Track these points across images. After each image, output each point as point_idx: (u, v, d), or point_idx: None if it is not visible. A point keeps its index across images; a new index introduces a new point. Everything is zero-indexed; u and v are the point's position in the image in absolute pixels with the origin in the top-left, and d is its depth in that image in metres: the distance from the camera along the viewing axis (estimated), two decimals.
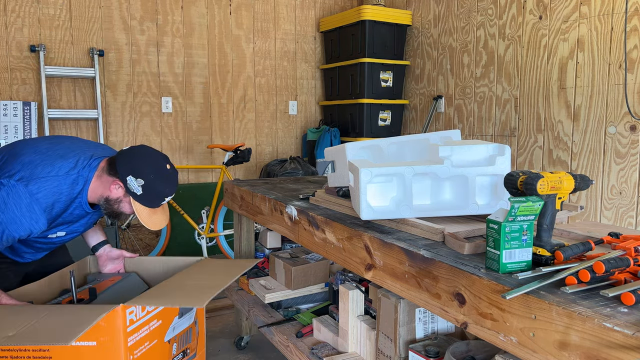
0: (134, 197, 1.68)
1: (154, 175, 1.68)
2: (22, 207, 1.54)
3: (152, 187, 1.68)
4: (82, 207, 1.71)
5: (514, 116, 3.63)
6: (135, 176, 1.65)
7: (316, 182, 2.70)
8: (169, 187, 1.73)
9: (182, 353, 1.76)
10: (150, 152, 1.72)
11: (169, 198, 1.76)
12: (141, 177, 1.65)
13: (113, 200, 1.70)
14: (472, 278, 1.11)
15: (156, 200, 1.72)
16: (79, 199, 1.68)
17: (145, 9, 4.13)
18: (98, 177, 1.69)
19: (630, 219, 2.95)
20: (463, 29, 4.00)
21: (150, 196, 1.69)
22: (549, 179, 1.15)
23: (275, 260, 2.43)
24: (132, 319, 1.46)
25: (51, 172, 1.61)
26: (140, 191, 1.66)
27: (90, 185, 1.68)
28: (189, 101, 4.36)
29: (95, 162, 1.71)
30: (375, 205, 1.51)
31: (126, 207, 1.72)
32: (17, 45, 3.72)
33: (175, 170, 1.77)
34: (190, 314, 1.81)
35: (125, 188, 1.67)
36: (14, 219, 1.54)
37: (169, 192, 1.74)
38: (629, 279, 1.04)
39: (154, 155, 1.72)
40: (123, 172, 1.65)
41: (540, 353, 0.96)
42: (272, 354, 2.61)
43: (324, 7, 4.93)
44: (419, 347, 1.50)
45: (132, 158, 1.68)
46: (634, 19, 2.87)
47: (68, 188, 1.63)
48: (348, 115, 4.58)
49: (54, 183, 1.61)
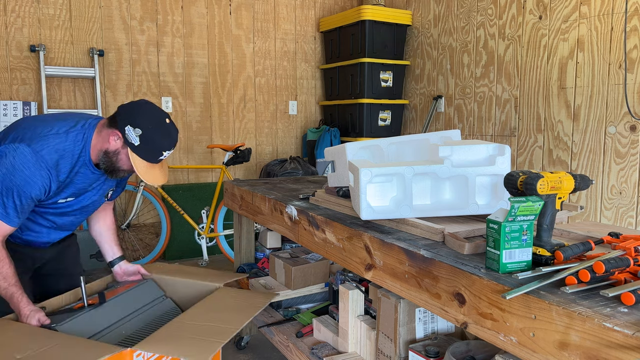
0: (131, 149, 1.67)
1: (152, 127, 1.67)
2: (31, 166, 1.58)
3: (150, 139, 1.67)
4: (87, 165, 1.72)
5: (514, 116, 3.63)
6: (134, 126, 1.65)
7: (316, 182, 2.70)
8: (167, 141, 1.71)
9: None
10: (150, 105, 1.73)
11: (167, 153, 1.73)
12: (139, 127, 1.65)
13: (112, 153, 1.70)
14: (472, 278, 1.11)
15: (154, 153, 1.70)
16: (82, 157, 1.69)
17: (145, 9, 4.13)
18: (98, 133, 1.71)
19: (630, 219, 2.95)
20: (463, 29, 4.00)
21: (147, 148, 1.68)
22: (549, 179, 1.15)
23: (275, 260, 2.43)
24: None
25: (51, 131, 1.65)
26: (137, 142, 1.65)
27: (91, 142, 1.70)
28: (189, 101, 4.36)
29: (94, 121, 1.74)
30: (375, 205, 1.51)
31: (124, 160, 1.71)
32: (17, 45, 3.72)
33: (176, 128, 1.76)
34: None
35: (123, 139, 1.67)
36: (26, 180, 1.58)
37: (167, 146, 1.71)
38: (629, 279, 1.04)
39: (154, 109, 1.72)
40: (122, 123, 1.66)
41: (540, 353, 0.96)
42: (272, 354, 2.61)
43: (324, 7, 4.93)
44: (419, 347, 1.51)
45: (131, 109, 1.69)
46: (634, 19, 2.87)
47: (70, 145, 1.66)
48: (348, 115, 4.58)
49: (56, 140, 1.64)
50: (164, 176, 1.78)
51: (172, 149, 1.74)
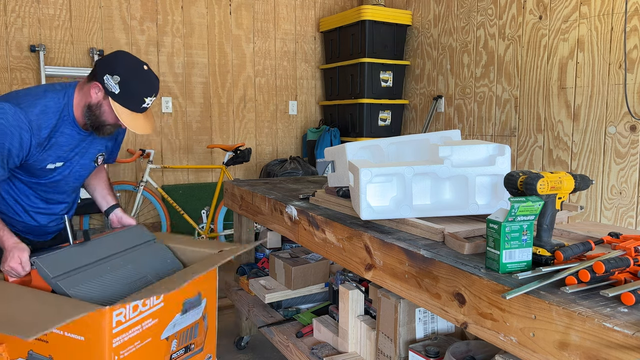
0: (112, 98, 1.67)
1: (130, 73, 1.67)
2: (9, 117, 1.58)
3: (129, 85, 1.67)
4: (72, 125, 1.72)
5: (514, 116, 3.63)
6: (112, 74, 1.65)
7: (316, 182, 2.70)
8: (147, 86, 1.71)
9: (185, 349, 1.75)
10: (127, 54, 1.74)
11: (149, 100, 1.72)
12: (117, 74, 1.65)
13: (94, 106, 1.70)
14: (472, 278, 1.11)
15: (135, 100, 1.70)
16: (65, 115, 1.70)
17: (145, 9, 4.13)
18: (80, 90, 1.72)
19: (630, 219, 2.95)
20: (463, 29, 4.00)
21: (128, 95, 1.68)
22: (549, 179, 1.15)
23: (275, 260, 2.43)
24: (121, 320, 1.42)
25: (32, 92, 1.68)
26: (117, 89, 1.66)
27: (74, 101, 1.71)
28: (189, 101, 4.36)
29: (75, 82, 1.76)
30: (375, 205, 1.51)
31: (108, 112, 1.70)
32: (17, 45, 3.72)
33: (156, 76, 1.76)
34: (197, 310, 1.77)
35: (104, 90, 1.67)
36: (3, 130, 1.58)
37: (148, 92, 1.71)
38: (629, 279, 1.04)
39: (131, 57, 1.73)
40: (100, 73, 1.67)
41: (540, 353, 0.96)
42: (272, 354, 2.61)
43: (324, 7, 4.93)
44: (419, 347, 1.51)
45: (108, 59, 1.70)
46: (634, 19, 2.87)
47: (51, 102, 1.67)
48: (348, 115, 4.58)
49: (37, 97, 1.66)
50: (150, 126, 1.77)
51: (154, 95, 1.73)
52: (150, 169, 3.89)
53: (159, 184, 4.18)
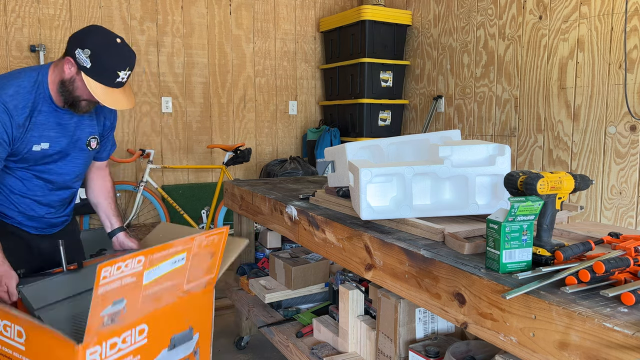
0: (84, 72, 1.64)
1: (102, 46, 1.64)
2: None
3: (101, 58, 1.64)
4: (48, 102, 1.71)
5: (514, 116, 3.63)
6: (82, 47, 1.63)
7: (316, 182, 2.70)
8: (120, 60, 1.67)
9: None
10: (100, 28, 1.71)
11: (123, 74, 1.68)
12: (87, 47, 1.63)
13: (67, 81, 1.68)
14: (472, 278, 1.11)
15: (108, 74, 1.66)
16: (40, 92, 1.69)
17: (145, 9, 4.13)
18: (55, 67, 1.72)
19: (630, 219, 2.95)
20: (463, 29, 4.00)
21: (100, 69, 1.64)
22: (549, 179, 1.15)
23: (275, 260, 2.43)
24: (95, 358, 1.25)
25: (7, 75, 1.70)
26: (89, 63, 1.63)
27: (48, 77, 1.71)
28: (189, 101, 4.36)
29: (50, 62, 1.76)
30: (375, 205, 1.51)
31: (81, 87, 1.68)
32: (17, 45, 3.72)
33: (130, 49, 1.72)
34: (187, 345, 1.61)
35: (76, 65, 1.65)
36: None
37: (121, 66, 1.67)
38: (629, 279, 1.04)
39: (105, 30, 1.71)
40: (72, 48, 1.65)
41: (540, 353, 0.96)
42: (272, 354, 2.61)
43: (324, 7, 4.93)
44: (419, 347, 1.50)
45: (80, 33, 1.68)
46: (634, 19, 2.87)
47: (25, 81, 1.67)
48: (348, 115, 4.58)
49: (11, 78, 1.67)
50: (128, 102, 1.74)
51: (128, 69, 1.69)
52: (150, 169, 3.89)
53: (159, 184, 4.18)
